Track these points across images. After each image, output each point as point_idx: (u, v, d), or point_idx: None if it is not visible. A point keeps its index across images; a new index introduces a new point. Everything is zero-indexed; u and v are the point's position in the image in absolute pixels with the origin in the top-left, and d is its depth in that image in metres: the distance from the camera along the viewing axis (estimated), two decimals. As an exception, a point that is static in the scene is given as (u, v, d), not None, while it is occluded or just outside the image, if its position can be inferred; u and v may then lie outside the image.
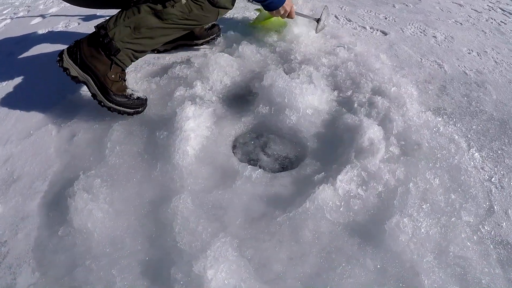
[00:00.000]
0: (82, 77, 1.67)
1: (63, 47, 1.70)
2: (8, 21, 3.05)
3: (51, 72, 2.13)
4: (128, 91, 1.73)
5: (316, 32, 2.24)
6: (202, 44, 2.23)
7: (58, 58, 1.68)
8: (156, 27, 1.66)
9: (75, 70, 1.66)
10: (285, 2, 1.97)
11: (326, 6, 2.28)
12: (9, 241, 1.37)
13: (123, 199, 1.41)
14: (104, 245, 1.29)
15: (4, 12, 3.39)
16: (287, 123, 1.66)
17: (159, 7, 1.63)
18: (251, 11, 2.67)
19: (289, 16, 2.07)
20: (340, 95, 1.84)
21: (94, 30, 1.66)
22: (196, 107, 1.64)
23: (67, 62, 1.66)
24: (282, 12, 2.00)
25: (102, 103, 1.69)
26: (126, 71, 1.76)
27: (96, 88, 1.66)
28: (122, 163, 1.53)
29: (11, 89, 2.11)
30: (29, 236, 1.37)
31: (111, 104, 1.68)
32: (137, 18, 1.63)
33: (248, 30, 2.32)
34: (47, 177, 1.57)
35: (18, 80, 2.19)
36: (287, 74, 1.82)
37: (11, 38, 2.67)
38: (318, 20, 2.20)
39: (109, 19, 1.65)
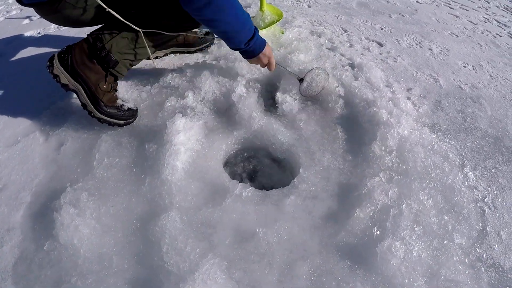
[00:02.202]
0: (72, 86, 1.63)
1: (55, 49, 1.67)
2: (1, 19, 3.00)
3: (42, 76, 2.07)
4: (119, 102, 1.70)
5: (301, 94, 1.87)
6: (195, 51, 2.20)
7: (48, 63, 1.62)
8: (153, 37, 1.64)
9: (65, 78, 1.61)
10: (265, 49, 1.70)
11: (316, 68, 1.86)
12: (-6, 253, 1.34)
13: (111, 214, 1.38)
14: (90, 262, 1.27)
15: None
16: (279, 138, 1.64)
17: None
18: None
19: (268, 66, 1.78)
20: (333, 108, 1.82)
21: (88, 39, 1.62)
22: (187, 120, 1.61)
23: (58, 68, 1.61)
24: (262, 59, 1.72)
25: (92, 114, 1.65)
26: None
27: (86, 98, 1.63)
28: (110, 176, 1.50)
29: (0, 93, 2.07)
30: (14, 249, 1.35)
31: (101, 116, 1.64)
32: (115, 40, 1.59)
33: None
34: (34, 187, 1.54)
35: (7, 83, 2.15)
36: (279, 86, 1.81)
37: (2, 38, 2.61)
38: (301, 80, 1.84)
39: (103, 29, 1.61)
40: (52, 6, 1.48)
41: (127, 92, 1.85)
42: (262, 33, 2.26)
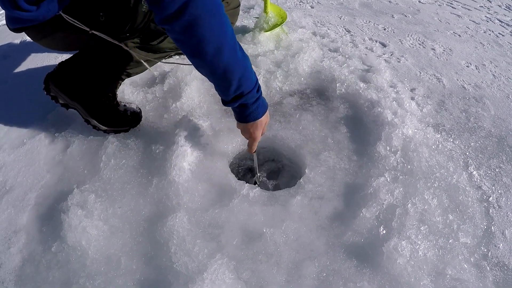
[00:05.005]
0: (71, 104, 1.64)
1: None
2: (4, 21, 3.00)
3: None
4: (121, 108, 1.70)
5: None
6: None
7: (43, 85, 1.63)
8: (147, 59, 1.63)
9: (63, 98, 1.63)
10: (259, 120, 1.38)
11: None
12: (1, 255, 1.34)
13: (118, 216, 1.39)
14: (99, 263, 1.27)
15: (1, 12, 3.33)
16: (284, 138, 1.65)
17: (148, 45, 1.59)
18: (250, 19, 2.65)
19: (250, 144, 1.49)
20: (337, 109, 1.83)
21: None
22: (193, 121, 1.62)
23: (54, 90, 1.62)
24: (253, 131, 1.42)
25: (96, 128, 1.67)
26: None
27: (87, 113, 1.64)
28: (117, 178, 1.50)
29: (5, 95, 2.07)
30: (22, 251, 1.35)
31: (105, 128, 1.66)
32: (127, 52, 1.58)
33: (246, 39, 2.29)
34: (40, 189, 1.54)
35: (12, 85, 2.16)
36: (283, 86, 1.82)
37: (7, 41, 2.62)
38: (256, 180, 1.68)
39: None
40: (41, 30, 1.44)
41: (132, 94, 1.86)
42: (266, 35, 2.27)
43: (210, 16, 1.07)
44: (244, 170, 1.75)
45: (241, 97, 1.27)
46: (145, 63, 1.63)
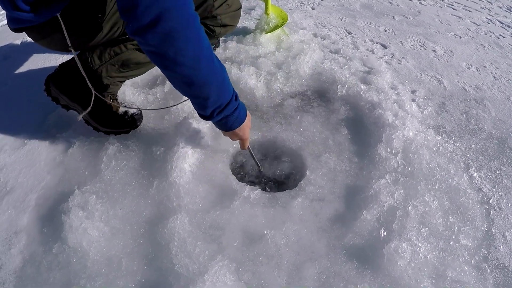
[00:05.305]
0: (72, 106, 1.64)
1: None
2: (4, 22, 3.00)
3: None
4: (121, 110, 1.69)
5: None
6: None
7: (44, 87, 1.64)
8: (144, 62, 1.63)
9: (64, 99, 1.63)
10: (244, 123, 1.39)
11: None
12: (2, 256, 1.34)
13: (119, 217, 1.39)
14: (99, 265, 1.27)
15: (1, 12, 3.33)
16: (285, 140, 1.65)
17: None
18: (251, 21, 2.65)
19: (242, 143, 1.52)
20: (338, 111, 1.83)
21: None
22: (194, 122, 1.62)
23: (55, 91, 1.62)
24: (242, 134, 1.43)
25: (97, 129, 1.67)
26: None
27: (88, 115, 1.64)
28: (118, 179, 1.50)
29: (5, 96, 2.07)
30: (23, 252, 1.34)
31: (106, 129, 1.66)
32: (125, 55, 1.56)
33: (247, 40, 2.29)
34: (41, 190, 1.54)
35: (13, 86, 2.15)
36: (284, 87, 1.82)
37: (7, 41, 2.62)
38: (259, 170, 1.68)
39: (93, 53, 1.56)
40: (40, 31, 1.43)
41: (133, 95, 1.86)
42: (267, 36, 2.27)
43: (185, 27, 1.04)
44: (244, 170, 1.74)
45: (221, 110, 1.26)
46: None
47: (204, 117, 1.31)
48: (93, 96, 1.52)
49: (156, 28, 1.00)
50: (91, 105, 1.55)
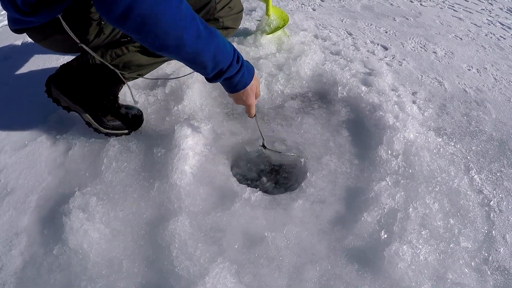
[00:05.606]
0: (73, 107, 1.64)
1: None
2: (5, 22, 3.00)
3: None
4: (122, 111, 1.70)
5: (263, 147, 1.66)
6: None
7: (45, 87, 1.64)
8: (146, 64, 1.63)
9: (65, 101, 1.63)
10: (248, 87, 1.37)
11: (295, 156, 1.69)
12: (3, 257, 1.34)
13: (120, 219, 1.39)
14: (100, 267, 1.27)
15: (2, 13, 3.33)
16: (285, 142, 1.66)
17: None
18: (252, 22, 2.65)
19: (247, 110, 1.51)
20: (339, 112, 1.83)
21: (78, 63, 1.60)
22: (194, 124, 1.62)
23: (56, 92, 1.62)
24: (245, 99, 1.41)
25: (98, 130, 1.67)
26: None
27: (89, 116, 1.64)
28: (118, 181, 1.51)
29: (6, 96, 2.07)
30: (23, 253, 1.35)
31: (107, 130, 1.66)
32: (126, 57, 1.56)
33: (248, 41, 2.29)
34: (42, 191, 1.54)
35: (14, 86, 2.16)
36: (284, 89, 1.82)
37: (8, 42, 2.62)
38: (264, 146, 1.65)
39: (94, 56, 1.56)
40: (41, 32, 1.43)
41: (134, 96, 1.86)
42: (268, 37, 2.27)
43: (160, 11, 1.00)
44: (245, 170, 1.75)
45: (221, 73, 1.24)
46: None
47: (207, 79, 1.30)
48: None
49: (129, 18, 0.98)
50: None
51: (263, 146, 1.64)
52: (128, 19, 0.99)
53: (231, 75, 1.28)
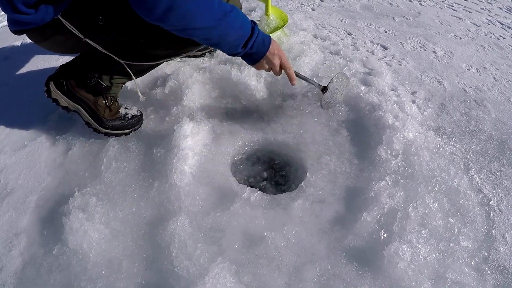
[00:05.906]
0: (72, 107, 1.65)
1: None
2: (5, 23, 3.00)
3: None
4: (122, 111, 1.70)
5: (323, 108, 1.73)
6: (201, 55, 2.20)
7: (45, 88, 1.64)
8: (145, 67, 1.63)
9: (64, 101, 1.63)
10: (271, 46, 1.42)
11: (341, 73, 1.73)
12: (3, 257, 1.35)
13: (119, 219, 1.39)
14: (100, 267, 1.27)
15: (2, 14, 3.33)
16: (285, 142, 1.66)
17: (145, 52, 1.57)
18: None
19: (286, 72, 1.54)
20: (339, 112, 1.83)
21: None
22: (194, 124, 1.62)
23: (55, 93, 1.62)
24: (273, 61, 1.46)
25: (97, 130, 1.67)
26: None
27: (88, 116, 1.64)
28: (118, 181, 1.51)
29: (5, 97, 2.07)
30: (23, 254, 1.35)
31: (106, 130, 1.66)
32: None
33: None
34: (41, 191, 1.54)
35: (13, 87, 2.16)
36: (284, 89, 1.82)
37: (8, 42, 2.62)
38: (323, 90, 1.65)
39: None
40: (41, 33, 1.43)
41: (134, 97, 1.86)
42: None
43: (197, 6, 1.17)
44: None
45: (246, 43, 1.36)
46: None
47: (233, 55, 1.43)
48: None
49: (171, 15, 1.14)
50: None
51: (324, 89, 1.66)
52: (171, 16, 1.15)
53: (253, 44, 1.38)
